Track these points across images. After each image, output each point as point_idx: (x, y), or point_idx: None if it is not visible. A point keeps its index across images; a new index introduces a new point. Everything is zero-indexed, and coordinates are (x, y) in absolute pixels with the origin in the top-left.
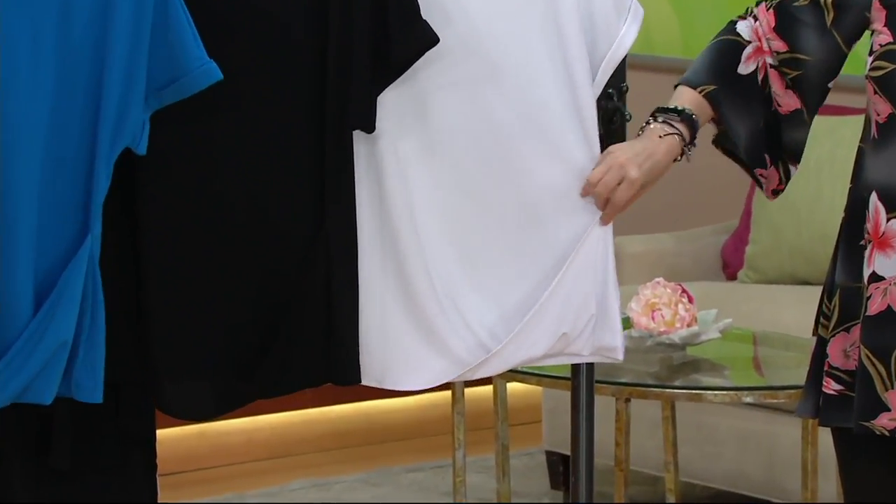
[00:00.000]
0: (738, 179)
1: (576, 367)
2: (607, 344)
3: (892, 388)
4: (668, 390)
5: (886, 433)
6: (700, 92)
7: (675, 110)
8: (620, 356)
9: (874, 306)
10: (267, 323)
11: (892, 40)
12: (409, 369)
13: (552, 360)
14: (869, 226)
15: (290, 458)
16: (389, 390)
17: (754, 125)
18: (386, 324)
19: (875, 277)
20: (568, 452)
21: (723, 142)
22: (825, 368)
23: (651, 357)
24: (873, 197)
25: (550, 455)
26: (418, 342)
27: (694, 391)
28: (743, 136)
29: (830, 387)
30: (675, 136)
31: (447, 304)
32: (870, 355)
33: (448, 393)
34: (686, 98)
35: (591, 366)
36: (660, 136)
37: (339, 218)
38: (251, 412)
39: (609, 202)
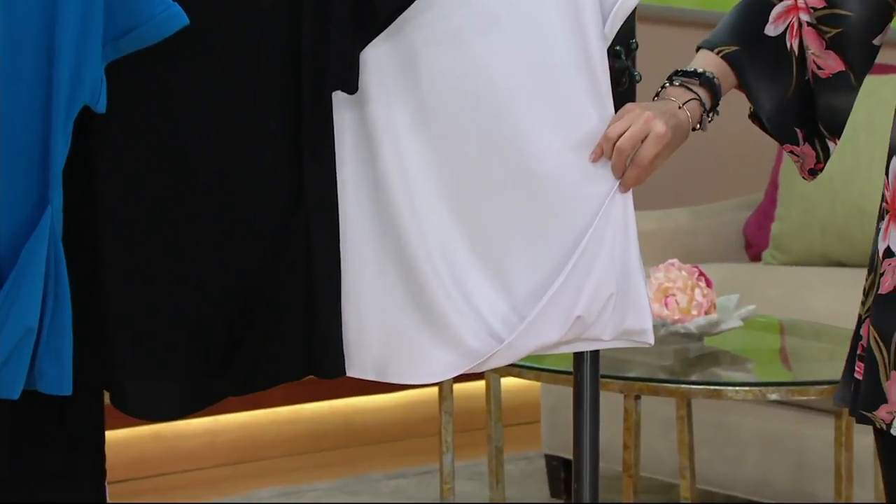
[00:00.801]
0: (762, 148)
1: (578, 360)
2: (633, 326)
3: (889, 377)
4: (683, 386)
5: (884, 426)
6: (718, 53)
7: (693, 73)
8: (650, 339)
9: (885, 284)
10: (240, 309)
11: None
12: (413, 361)
13: (568, 346)
14: (887, 194)
15: (258, 462)
16: (369, 386)
17: (781, 94)
18: (386, 311)
19: (889, 253)
20: (569, 456)
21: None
22: (858, 351)
23: (664, 348)
24: (893, 162)
25: (550, 459)
26: (424, 331)
27: (713, 387)
28: (767, 107)
29: (862, 372)
30: (695, 102)
31: (454, 289)
32: (877, 338)
33: (434, 390)
34: (706, 61)
35: (595, 358)
36: (678, 101)
37: (318, 192)
38: (214, 411)
39: (634, 162)
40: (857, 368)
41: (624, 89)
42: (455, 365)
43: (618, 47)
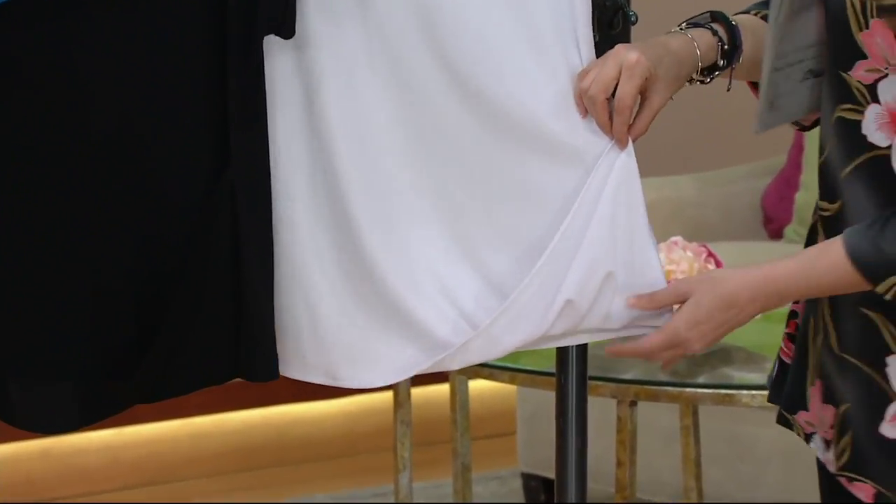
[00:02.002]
0: None
1: (562, 359)
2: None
3: (814, 383)
4: (688, 390)
5: (803, 436)
6: (750, 13)
7: (706, 14)
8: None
9: None
10: (152, 298)
11: None
12: (367, 360)
13: (566, 339)
14: None
15: (172, 485)
16: (309, 391)
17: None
18: (338, 302)
19: None
20: (551, 475)
21: None
22: (788, 330)
23: None
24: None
25: (528, 479)
26: (381, 323)
27: (724, 391)
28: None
29: (791, 354)
30: (706, 32)
31: (418, 270)
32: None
33: (388, 395)
34: (737, 18)
35: (582, 357)
36: (679, 31)
37: (247, 159)
38: (117, 422)
39: (615, 107)
40: (784, 348)
41: (617, 31)
42: (417, 360)
43: None
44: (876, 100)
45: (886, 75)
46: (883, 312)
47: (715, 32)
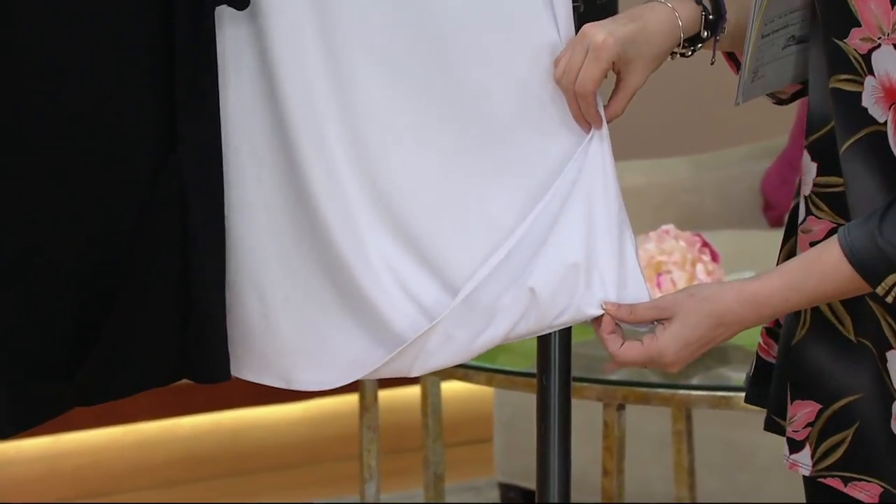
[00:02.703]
0: None
1: (544, 359)
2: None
3: (792, 402)
4: (680, 392)
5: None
6: None
7: None
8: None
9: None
10: (92, 296)
11: None
12: (323, 356)
13: (533, 332)
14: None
15: (114, 496)
16: (266, 393)
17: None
18: (289, 292)
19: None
20: (531, 486)
21: None
22: (768, 325)
23: None
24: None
25: (506, 490)
26: (336, 313)
27: (719, 393)
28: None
29: (768, 351)
30: (689, 2)
31: (375, 259)
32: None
33: (353, 398)
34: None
35: (566, 356)
36: (654, 6)
37: (196, 140)
38: (55, 428)
39: (580, 96)
40: (763, 344)
41: (602, 2)
42: (372, 354)
43: None
44: (871, 72)
45: (879, 45)
46: (881, 304)
47: (699, 1)
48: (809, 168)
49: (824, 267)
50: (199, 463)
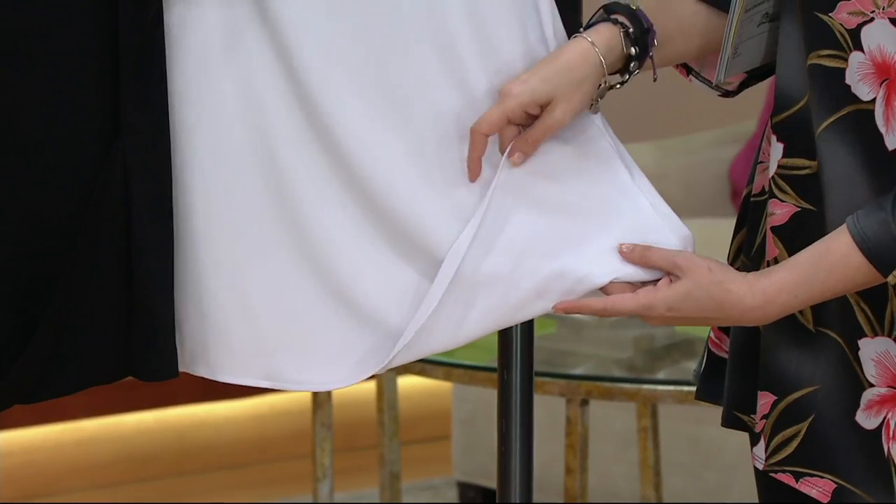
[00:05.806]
0: None
1: (505, 351)
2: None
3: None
4: (646, 387)
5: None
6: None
7: (599, 10)
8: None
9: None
10: (30, 287)
11: None
12: (315, 357)
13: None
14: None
15: (54, 497)
16: (213, 390)
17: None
18: (270, 279)
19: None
20: (491, 485)
21: None
22: None
23: (620, 336)
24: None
25: (465, 489)
26: (332, 313)
27: (686, 388)
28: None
29: (720, 346)
30: (602, 27)
31: (363, 246)
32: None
33: (305, 395)
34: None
35: (528, 350)
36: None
37: (142, 126)
38: None
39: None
40: (714, 338)
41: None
42: (376, 355)
43: None
44: (859, 47)
45: (872, 20)
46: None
47: (615, 22)
48: (775, 149)
49: (833, 258)
50: (142, 462)
